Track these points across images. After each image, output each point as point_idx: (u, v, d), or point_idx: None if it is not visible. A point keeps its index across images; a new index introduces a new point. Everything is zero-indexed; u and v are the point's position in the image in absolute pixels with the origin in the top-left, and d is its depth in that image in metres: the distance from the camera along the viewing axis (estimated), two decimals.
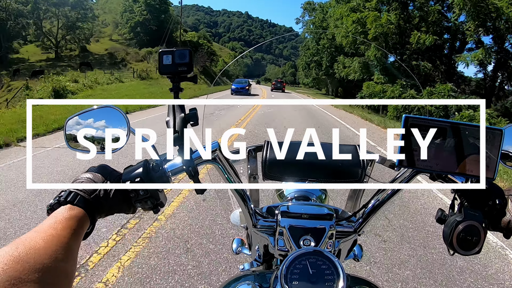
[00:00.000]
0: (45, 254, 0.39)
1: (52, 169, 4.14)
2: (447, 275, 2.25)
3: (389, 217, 3.10)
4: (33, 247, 0.39)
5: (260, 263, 0.80)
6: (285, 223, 0.67)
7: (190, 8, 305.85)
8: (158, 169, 0.56)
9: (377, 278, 2.18)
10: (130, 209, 0.57)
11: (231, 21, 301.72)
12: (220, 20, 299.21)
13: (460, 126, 0.54)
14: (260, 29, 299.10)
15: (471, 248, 0.55)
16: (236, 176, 0.67)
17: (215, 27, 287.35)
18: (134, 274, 2.04)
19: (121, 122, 0.57)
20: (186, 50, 0.59)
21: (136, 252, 2.27)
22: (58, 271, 0.39)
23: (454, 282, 2.18)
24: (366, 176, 0.79)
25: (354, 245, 0.76)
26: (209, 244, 2.43)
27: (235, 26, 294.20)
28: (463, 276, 2.25)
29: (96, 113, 0.58)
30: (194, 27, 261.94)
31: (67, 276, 0.41)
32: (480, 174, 0.54)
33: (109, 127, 0.57)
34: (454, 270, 2.32)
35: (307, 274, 0.53)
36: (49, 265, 0.38)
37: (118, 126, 0.57)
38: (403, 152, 0.55)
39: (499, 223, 0.58)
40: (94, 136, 0.57)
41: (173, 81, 0.59)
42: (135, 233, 2.54)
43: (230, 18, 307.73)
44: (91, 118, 0.57)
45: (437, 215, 0.59)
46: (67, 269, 0.41)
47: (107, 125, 0.57)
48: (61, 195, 0.49)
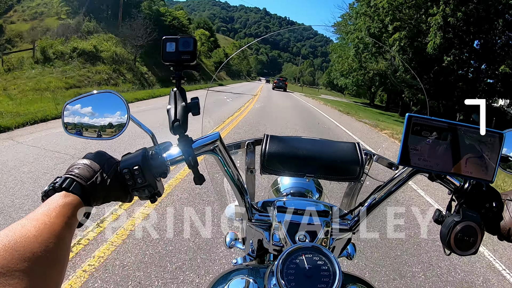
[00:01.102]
0: (36, 243, 0.38)
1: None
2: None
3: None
4: (24, 235, 0.38)
5: (253, 257, 0.81)
6: (281, 218, 0.68)
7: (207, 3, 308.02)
8: (157, 158, 0.56)
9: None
10: (127, 197, 0.57)
11: (248, 17, 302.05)
12: (236, 15, 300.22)
13: (462, 127, 0.54)
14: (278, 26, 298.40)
15: (468, 249, 0.56)
16: (235, 168, 0.68)
17: (231, 22, 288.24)
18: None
19: (121, 108, 0.58)
20: (191, 38, 0.60)
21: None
22: (49, 260, 0.39)
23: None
24: (364, 174, 0.79)
25: (348, 243, 0.77)
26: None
27: (251, 22, 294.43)
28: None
29: (95, 98, 0.59)
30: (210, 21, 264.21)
31: (59, 265, 0.41)
32: (480, 175, 0.55)
33: (109, 112, 0.58)
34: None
35: (303, 269, 0.53)
36: (39, 254, 0.38)
37: (118, 112, 0.59)
38: (405, 151, 0.55)
39: (494, 226, 0.59)
40: (93, 122, 0.59)
41: (176, 69, 0.60)
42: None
43: (247, 14, 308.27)
44: (90, 103, 0.58)
45: (434, 216, 0.60)
46: (59, 258, 0.41)
47: (107, 110, 0.58)
48: (57, 181, 0.49)
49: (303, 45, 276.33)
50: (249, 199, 0.72)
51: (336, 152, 0.77)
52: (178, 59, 0.59)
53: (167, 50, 0.59)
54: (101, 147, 4.14)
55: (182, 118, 0.57)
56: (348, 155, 0.77)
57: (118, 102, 0.59)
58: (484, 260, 2.79)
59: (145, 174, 0.54)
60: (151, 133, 0.60)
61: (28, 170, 3.46)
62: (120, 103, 0.59)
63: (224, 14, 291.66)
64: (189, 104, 0.58)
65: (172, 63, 0.60)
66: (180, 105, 0.58)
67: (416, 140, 0.56)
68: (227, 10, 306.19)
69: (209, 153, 0.62)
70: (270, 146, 0.77)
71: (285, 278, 0.52)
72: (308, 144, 0.80)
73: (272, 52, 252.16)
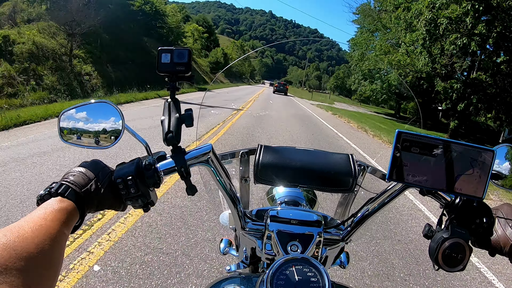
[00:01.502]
0: (33, 243, 0.40)
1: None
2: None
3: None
4: (21, 236, 0.40)
5: (247, 265, 0.83)
6: (273, 228, 0.69)
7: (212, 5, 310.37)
8: (150, 168, 0.58)
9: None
10: (120, 206, 0.59)
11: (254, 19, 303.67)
12: (242, 18, 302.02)
13: (452, 144, 0.55)
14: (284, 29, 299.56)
15: (455, 265, 0.57)
16: (227, 177, 0.69)
17: (237, 24, 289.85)
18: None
19: (116, 117, 0.60)
20: (186, 50, 0.62)
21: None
22: (45, 261, 0.41)
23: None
24: (357, 185, 0.80)
25: (341, 253, 0.78)
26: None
27: (257, 25, 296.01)
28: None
29: (91, 108, 0.60)
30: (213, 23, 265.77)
31: (54, 266, 0.43)
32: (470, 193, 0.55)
33: (104, 122, 0.60)
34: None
35: (293, 280, 0.54)
36: (35, 254, 0.40)
37: (113, 121, 0.60)
38: (394, 166, 0.56)
39: (485, 241, 0.60)
40: (88, 130, 0.60)
41: (171, 80, 0.62)
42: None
43: (253, 17, 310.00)
44: (86, 112, 0.60)
45: (424, 230, 0.60)
46: (54, 260, 0.43)
47: (102, 119, 0.60)
48: (52, 187, 0.50)
49: (309, 49, 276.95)
50: (242, 208, 0.73)
51: (329, 163, 0.78)
52: (173, 70, 0.61)
53: (162, 61, 0.61)
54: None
55: (176, 129, 0.58)
56: (342, 167, 0.78)
57: (113, 112, 0.60)
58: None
59: (138, 184, 0.56)
60: (145, 143, 0.61)
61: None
62: (115, 113, 0.60)
63: (229, 16, 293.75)
64: (182, 115, 0.60)
65: (167, 74, 0.62)
66: (174, 117, 0.59)
67: (406, 156, 0.56)
68: (232, 12, 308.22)
69: (201, 164, 0.63)
70: (263, 156, 0.78)
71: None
72: (301, 155, 0.81)
73: (278, 55, 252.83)
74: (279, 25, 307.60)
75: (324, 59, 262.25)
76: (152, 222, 2.74)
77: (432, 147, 0.55)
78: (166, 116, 0.60)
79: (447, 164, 0.55)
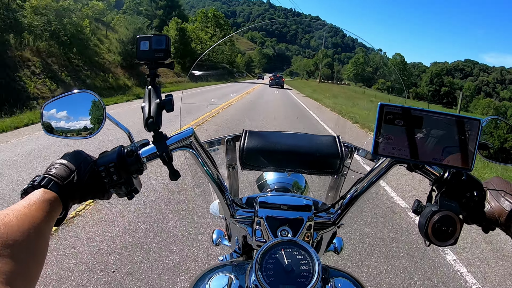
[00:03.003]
0: (18, 232, 0.42)
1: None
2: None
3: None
4: (7, 224, 0.42)
5: (239, 254, 0.84)
6: (263, 213, 0.71)
7: None
8: (132, 155, 0.60)
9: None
10: (104, 195, 0.61)
11: (251, 10, 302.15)
12: (239, 9, 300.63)
13: (437, 115, 0.55)
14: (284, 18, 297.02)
15: (446, 239, 0.57)
16: (213, 165, 0.71)
17: (233, 16, 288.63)
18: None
19: (98, 107, 0.63)
20: (163, 36, 0.64)
21: None
22: (30, 249, 0.43)
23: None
24: (346, 167, 0.82)
25: (333, 237, 0.79)
26: None
27: (255, 15, 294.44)
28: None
29: (73, 98, 0.63)
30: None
31: (38, 256, 0.45)
32: (458, 164, 0.55)
33: (86, 112, 0.63)
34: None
35: (282, 263, 0.56)
36: (21, 242, 0.41)
37: (95, 111, 0.63)
38: (378, 141, 0.57)
39: (476, 215, 0.60)
40: (71, 121, 0.63)
41: (150, 67, 0.64)
42: None
43: (250, 8, 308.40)
44: (68, 103, 0.63)
45: (413, 206, 0.61)
46: (39, 250, 0.45)
47: (84, 110, 0.63)
48: (35, 180, 0.53)
49: (312, 37, 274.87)
50: (230, 196, 0.75)
51: (315, 146, 0.80)
52: (152, 57, 0.63)
53: (141, 49, 0.63)
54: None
55: (156, 115, 0.60)
56: (328, 149, 0.79)
57: (95, 101, 0.63)
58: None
59: (120, 172, 0.58)
60: (127, 131, 0.64)
61: None
62: (96, 102, 0.63)
63: (225, 9, 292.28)
64: (163, 101, 0.62)
65: (146, 61, 0.64)
66: (154, 102, 0.61)
67: (390, 129, 0.56)
68: (228, 4, 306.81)
69: (183, 148, 0.65)
70: (249, 142, 0.80)
71: (264, 274, 0.54)
72: (287, 138, 0.82)
73: (279, 45, 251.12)
74: (279, 14, 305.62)
75: (328, 46, 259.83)
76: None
77: (417, 119, 0.55)
78: (147, 102, 0.62)
79: (432, 136, 0.55)
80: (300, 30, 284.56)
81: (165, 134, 0.63)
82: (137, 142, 0.64)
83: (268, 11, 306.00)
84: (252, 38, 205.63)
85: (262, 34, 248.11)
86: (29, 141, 5.32)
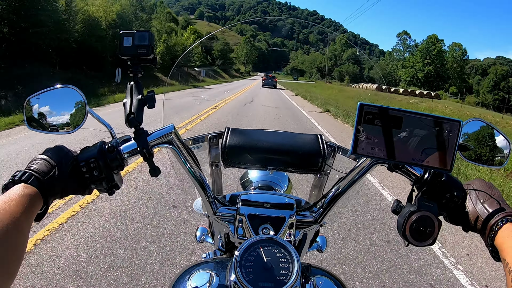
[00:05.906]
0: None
1: None
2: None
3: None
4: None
5: (223, 251, 0.89)
6: (245, 211, 0.76)
7: None
8: (113, 150, 0.64)
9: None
10: (85, 190, 0.65)
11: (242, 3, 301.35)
12: (228, 2, 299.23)
13: (417, 115, 0.58)
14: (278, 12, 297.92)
15: (424, 239, 0.61)
16: (195, 162, 0.75)
17: (222, 9, 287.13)
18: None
19: (80, 102, 0.67)
20: (146, 32, 0.68)
21: None
22: (9, 244, 0.46)
23: None
24: (328, 166, 0.87)
25: (316, 236, 0.84)
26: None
27: (246, 8, 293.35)
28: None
29: (56, 93, 0.67)
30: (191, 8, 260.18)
31: (17, 251, 0.48)
32: (438, 165, 0.59)
33: (68, 107, 0.67)
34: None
35: (262, 261, 0.60)
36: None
37: (77, 106, 0.67)
38: (357, 140, 0.60)
39: (457, 216, 0.64)
40: (53, 116, 0.67)
41: (133, 63, 0.68)
42: None
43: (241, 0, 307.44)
44: (51, 98, 0.66)
45: (393, 206, 0.65)
46: (18, 245, 0.48)
47: (66, 105, 0.67)
48: (16, 175, 0.56)
49: (310, 32, 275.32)
50: (212, 193, 0.79)
51: (297, 144, 0.85)
52: (135, 53, 0.67)
53: (124, 45, 0.67)
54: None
55: (137, 111, 0.64)
56: (310, 147, 0.84)
57: (77, 97, 0.67)
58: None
59: (101, 167, 0.62)
60: (109, 127, 0.68)
61: None
62: (79, 98, 0.67)
63: (213, 1, 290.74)
64: (145, 97, 0.66)
65: (129, 57, 0.68)
66: (136, 98, 0.66)
67: (369, 129, 0.59)
68: None
69: (164, 145, 0.69)
70: (231, 139, 0.84)
71: (243, 271, 0.58)
72: (269, 136, 0.87)
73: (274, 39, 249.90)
74: (273, 7, 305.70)
75: (328, 42, 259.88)
76: None
77: (396, 119, 0.58)
78: (128, 98, 0.66)
79: (412, 136, 0.58)
80: (297, 24, 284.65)
81: (146, 131, 0.67)
82: (119, 138, 0.68)
83: (261, 3, 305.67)
84: (241, 31, 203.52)
85: (253, 28, 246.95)
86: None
